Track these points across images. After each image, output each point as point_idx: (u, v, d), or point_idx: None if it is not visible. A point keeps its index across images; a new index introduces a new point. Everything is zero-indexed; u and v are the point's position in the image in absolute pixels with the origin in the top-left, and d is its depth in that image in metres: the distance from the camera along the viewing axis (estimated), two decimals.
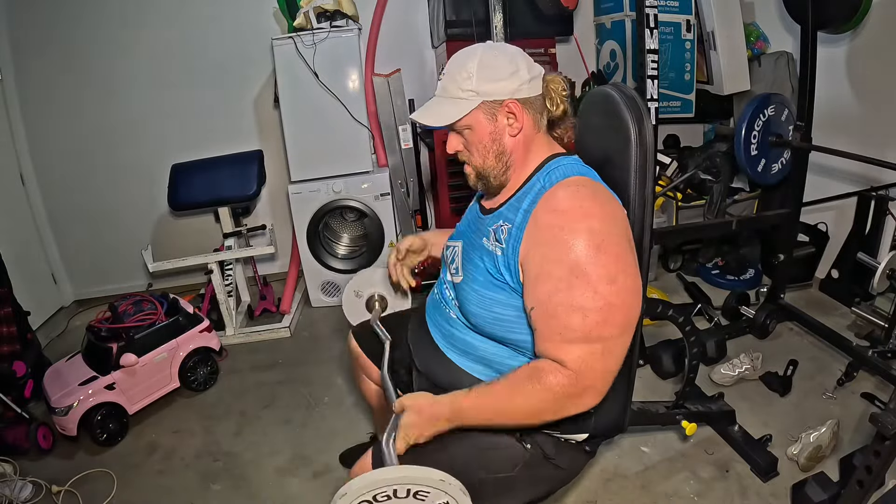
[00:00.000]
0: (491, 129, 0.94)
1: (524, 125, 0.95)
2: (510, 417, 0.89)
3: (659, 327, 2.26)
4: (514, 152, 0.96)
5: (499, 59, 0.93)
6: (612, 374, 0.86)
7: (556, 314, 0.84)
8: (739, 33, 2.59)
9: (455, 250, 1.07)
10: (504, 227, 0.93)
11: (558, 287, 0.83)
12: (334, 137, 2.63)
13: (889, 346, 1.93)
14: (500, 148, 0.95)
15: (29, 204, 2.86)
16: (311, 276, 2.83)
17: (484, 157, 0.96)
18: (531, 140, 0.97)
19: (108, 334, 2.02)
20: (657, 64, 1.67)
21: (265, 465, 1.79)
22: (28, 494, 1.69)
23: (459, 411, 0.89)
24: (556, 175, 0.93)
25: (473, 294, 0.96)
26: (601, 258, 0.82)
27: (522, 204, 0.93)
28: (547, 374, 0.84)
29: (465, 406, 0.89)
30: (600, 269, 0.82)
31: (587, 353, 0.82)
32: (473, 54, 0.94)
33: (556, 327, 0.84)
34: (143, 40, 2.82)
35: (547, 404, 0.85)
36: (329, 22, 2.48)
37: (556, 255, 0.84)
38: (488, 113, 0.94)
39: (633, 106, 0.98)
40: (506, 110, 0.93)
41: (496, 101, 0.93)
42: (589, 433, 1.03)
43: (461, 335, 1.03)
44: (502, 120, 0.94)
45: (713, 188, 2.64)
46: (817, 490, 1.41)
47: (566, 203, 0.87)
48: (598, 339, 0.82)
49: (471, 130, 0.95)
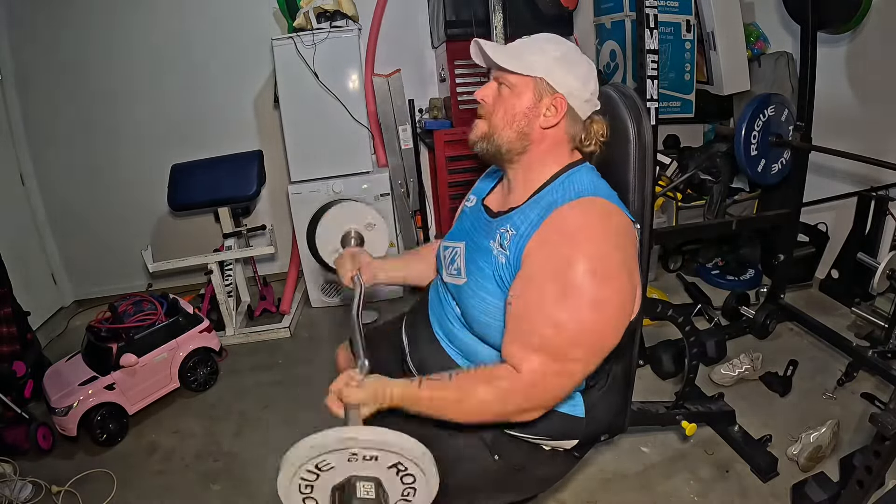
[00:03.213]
0: (529, 105, 0.92)
1: (559, 125, 0.93)
2: (455, 416, 0.87)
3: (659, 327, 2.26)
4: (536, 143, 0.94)
5: (580, 61, 0.93)
6: (565, 394, 0.87)
7: (530, 319, 0.84)
8: (739, 33, 2.59)
9: (456, 251, 1.03)
10: (510, 232, 0.92)
11: (544, 296, 0.83)
12: (334, 137, 2.63)
13: (889, 346, 1.93)
14: (526, 129, 0.92)
15: (29, 204, 2.86)
16: (311, 276, 2.83)
17: (506, 124, 0.93)
18: (557, 143, 0.94)
19: (108, 334, 2.02)
20: (657, 64, 1.67)
21: (265, 465, 1.79)
22: (28, 494, 1.69)
23: (409, 398, 0.86)
24: (571, 191, 0.90)
25: (478, 300, 0.94)
26: (595, 285, 0.81)
27: (532, 214, 0.91)
28: (498, 379, 0.84)
29: (416, 395, 0.86)
30: (590, 294, 0.81)
31: (546, 367, 0.82)
32: (564, 43, 0.94)
33: (525, 330, 0.84)
34: (144, 40, 2.82)
35: (493, 410, 0.86)
36: (329, 22, 2.48)
37: (552, 268, 0.83)
38: (538, 92, 0.91)
39: (633, 106, 0.98)
40: (552, 100, 0.91)
41: (550, 87, 0.91)
42: (578, 440, 1.01)
43: (461, 336, 1.01)
44: (544, 106, 0.92)
45: (713, 188, 2.64)
46: (817, 490, 1.41)
47: (575, 222, 0.86)
48: (563, 357, 0.82)
49: (511, 91, 0.92)
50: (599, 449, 1.69)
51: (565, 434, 0.99)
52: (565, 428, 0.98)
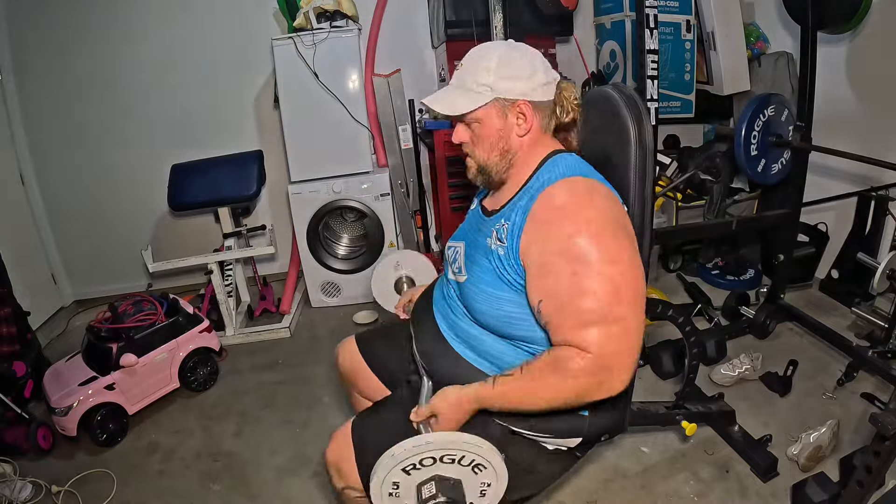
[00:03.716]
0: (500, 127, 0.95)
1: (532, 127, 0.96)
2: (536, 405, 0.89)
3: (659, 327, 2.26)
4: (518, 151, 0.97)
5: (519, 59, 0.94)
6: (635, 351, 0.86)
7: (567, 302, 0.84)
8: (739, 33, 2.59)
9: (457, 251, 1.07)
10: (505, 225, 0.94)
11: (563, 277, 0.84)
12: (334, 137, 2.63)
13: (889, 347, 1.93)
14: (506, 146, 0.97)
15: (29, 204, 2.86)
16: (311, 276, 2.83)
17: (489, 152, 0.97)
18: (536, 141, 0.98)
19: (108, 334, 2.01)
20: (657, 64, 1.67)
21: (265, 465, 1.79)
22: (28, 495, 1.69)
23: (484, 400, 0.91)
24: (555, 173, 0.93)
25: (480, 294, 0.97)
26: (600, 243, 0.84)
27: (521, 203, 0.93)
28: (567, 361, 0.84)
29: (488, 395, 0.90)
30: (601, 253, 0.84)
31: (605, 334, 0.83)
32: (494, 50, 0.95)
33: (569, 314, 0.84)
34: (143, 40, 2.82)
35: (571, 392, 0.85)
36: (329, 22, 2.48)
37: (556, 247, 0.85)
38: (500, 110, 0.94)
39: (633, 106, 0.98)
40: (517, 110, 0.94)
41: (509, 101, 0.94)
42: (582, 438, 1.02)
43: (466, 327, 1.03)
44: (512, 119, 0.95)
45: (713, 188, 2.64)
46: (817, 490, 1.41)
47: (562, 199, 0.89)
48: (614, 318, 0.83)
49: (480, 124, 0.96)
50: (599, 449, 1.69)
51: (569, 432, 1.01)
52: (570, 426, 0.99)
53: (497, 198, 1.04)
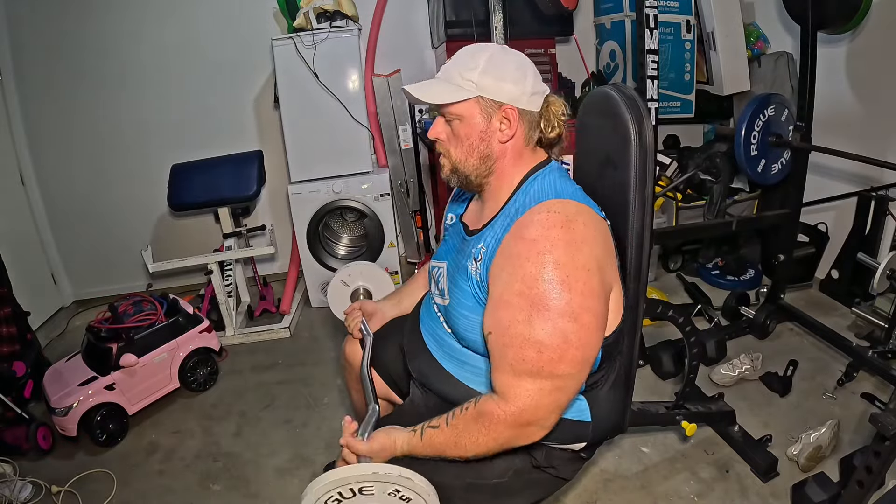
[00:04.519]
0: (483, 129, 0.92)
1: (516, 135, 0.93)
2: (462, 454, 0.89)
3: (659, 327, 2.26)
4: (499, 159, 0.94)
5: (509, 62, 0.92)
6: (562, 409, 0.87)
7: (511, 344, 0.82)
8: (739, 33, 2.59)
9: (441, 271, 1.05)
10: (483, 250, 0.93)
11: (517, 318, 0.82)
12: (334, 137, 2.63)
13: (889, 347, 1.93)
14: (487, 150, 0.93)
15: (29, 204, 2.86)
16: (311, 276, 2.83)
17: (468, 154, 0.94)
18: (519, 152, 0.95)
19: (108, 335, 2.02)
20: (657, 64, 1.67)
21: (265, 465, 1.79)
22: (28, 495, 1.69)
23: (413, 447, 0.91)
24: (531, 198, 0.90)
25: (463, 319, 0.96)
26: (564, 293, 0.80)
27: (498, 229, 0.92)
28: (489, 415, 0.85)
29: (417, 445, 0.90)
30: (562, 305, 0.80)
31: (536, 389, 0.82)
32: (485, 49, 0.93)
33: (508, 357, 0.83)
34: (143, 40, 2.82)
35: (494, 442, 0.86)
36: (329, 22, 2.48)
37: (518, 287, 0.82)
38: (484, 111, 0.92)
39: (633, 106, 0.98)
40: (502, 114, 0.92)
41: (495, 103, 0.91)
42: (586, 442, 1.02)
43: (455, 344, 1.03)
44: (496, 123, 0.92)
45: (713, 188, 2.64)
46: (817, 490, 1.41)
47: (534, 232, 0.84)
48: (551, 375, 0.82)
49: (460, 122, 0.93)
50: (599, 449, 1.67)
51: (575, 439, 1.00)
52: (575, 433, 0.99)
53: (478, 215, 1.02)
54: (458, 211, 1.12)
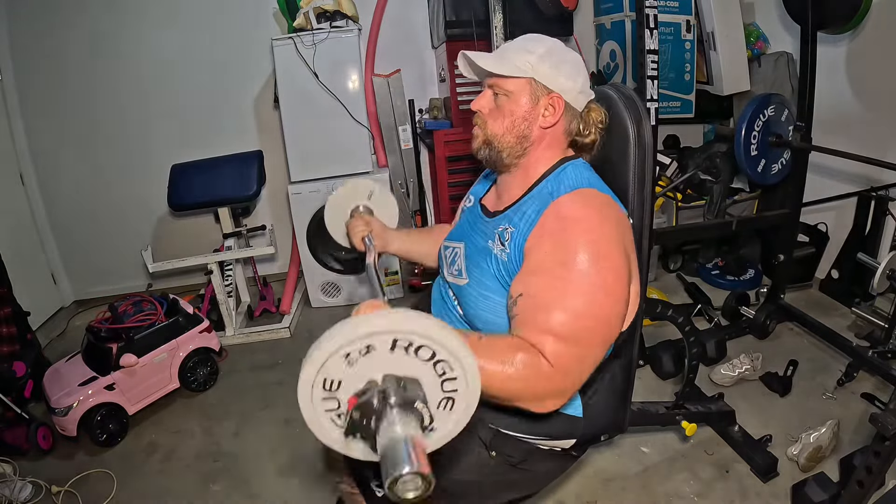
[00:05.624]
0: (527, 109, 0.94)
1: (556, 124, 0.94)
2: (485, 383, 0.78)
3: (659, 327, 2.26)
4: (535, 143, 0.95)
5: (567, 57, 0.94)
6: (580, 382, 0.84)
7: (545, 308, 0.81)
8: (739, 33, 2.59)
9: (456, 252, 1.04)
10: (509, 230, 0.92)
11: (555, 284, 0.82)
12: (334, 137, 2.63)
13: (889, 347, 1.93)
14: (526, 131, 0.94)
15: (29, 204, 2.86)
16: (311, 276, 2.83)
17: (507, 130, 0.95)
18: (555, 140, 0.96)
19: (108, 335, 2.02)
20: (657, 64, 1.67)
21: (265, 465, 1.79)
22: (28, 495, 1.69)
23: None
24: (567, 183, 0.91)
25: (483, 300, 0.94)
26: (602, 269, 0.82)
27: (529, 209, 0.92)
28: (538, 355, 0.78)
29: None
30: (599, 280, 0.81)
31: (566, 353, 0.79)
32: (547, 39, 0.95)
33: (541, 318, 0.81)
34: (144, 40, 2.82)
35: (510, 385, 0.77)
36: (329, 22, 2.48)
37: (560, 257, 0.83)
38: (533, 94, 0.93)
39: (633, 106, 0.98)
40: (548, 101, 0.93)
41: (545, 88, 0.92)
42: (576, 440, 1.01)
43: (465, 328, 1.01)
44: (541, 108, 0.93)
45: (713, 188, 2.64)
46: (817, 490, 1.41)
47: (577, 212, 0.86)
48: (579, 343, 0.80)
49: (507, 98, 0.94)
50: (599, 449, 1.69)
51: (563, 434, 1.00)
52: (563, 428, 0.98)
53: (501, 197, 1.01)
54: (479, 194, 1.11)
